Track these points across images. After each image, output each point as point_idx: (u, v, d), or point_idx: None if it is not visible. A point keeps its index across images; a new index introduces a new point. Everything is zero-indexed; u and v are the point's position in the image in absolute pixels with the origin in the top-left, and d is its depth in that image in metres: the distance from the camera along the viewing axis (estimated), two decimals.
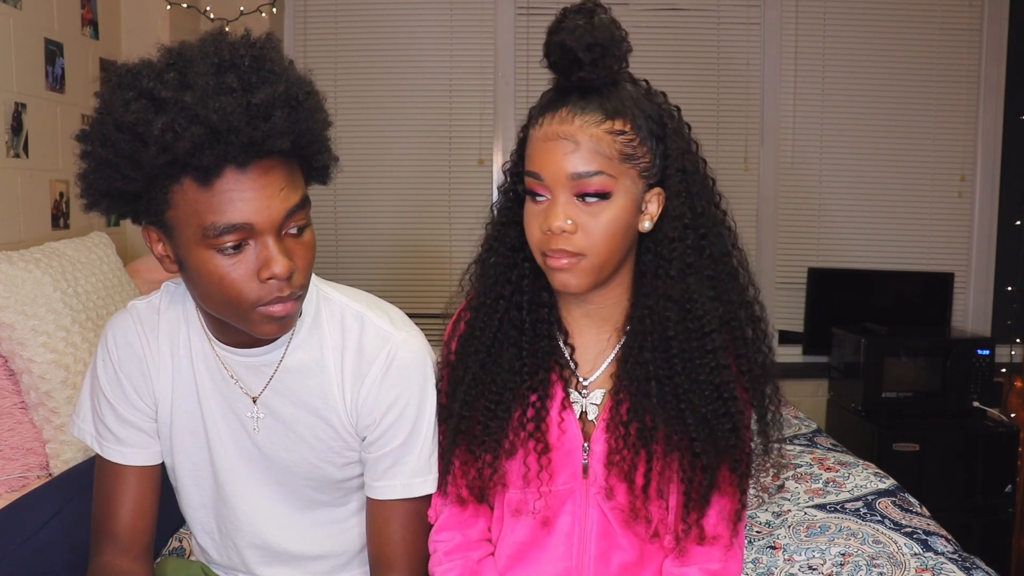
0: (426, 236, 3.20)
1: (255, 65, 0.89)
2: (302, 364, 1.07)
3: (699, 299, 1.01)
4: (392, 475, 1.09)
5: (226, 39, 0.92)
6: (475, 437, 1.06)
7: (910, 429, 2.68)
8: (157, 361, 1.10)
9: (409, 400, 1.07)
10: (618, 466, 1.03)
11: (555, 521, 1.08)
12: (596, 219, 0.97)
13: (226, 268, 0.92)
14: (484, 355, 1.07)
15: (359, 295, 1.13)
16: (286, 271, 0.92)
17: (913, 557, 1.43)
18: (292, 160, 0.95)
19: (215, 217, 0.89)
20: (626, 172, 0.98)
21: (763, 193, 3.18)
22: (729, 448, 1.02)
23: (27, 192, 2.12)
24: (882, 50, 3.11)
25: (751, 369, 1.04)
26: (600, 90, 0.98)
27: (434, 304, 2.94)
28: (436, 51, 3.14)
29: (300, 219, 0.95)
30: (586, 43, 0.94)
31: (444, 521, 1.11)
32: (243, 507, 1.12)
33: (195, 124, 0.85)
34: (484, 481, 1.06)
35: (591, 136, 0.96)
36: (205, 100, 0.85)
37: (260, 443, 1.10)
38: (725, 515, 1.06)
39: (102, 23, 2.53)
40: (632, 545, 1.07)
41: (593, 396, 1.08)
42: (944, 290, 3.06)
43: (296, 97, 0.91)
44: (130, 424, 1.10)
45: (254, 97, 0.87)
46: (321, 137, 0.98)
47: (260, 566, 1.16)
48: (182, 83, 0.87)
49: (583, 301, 1.07)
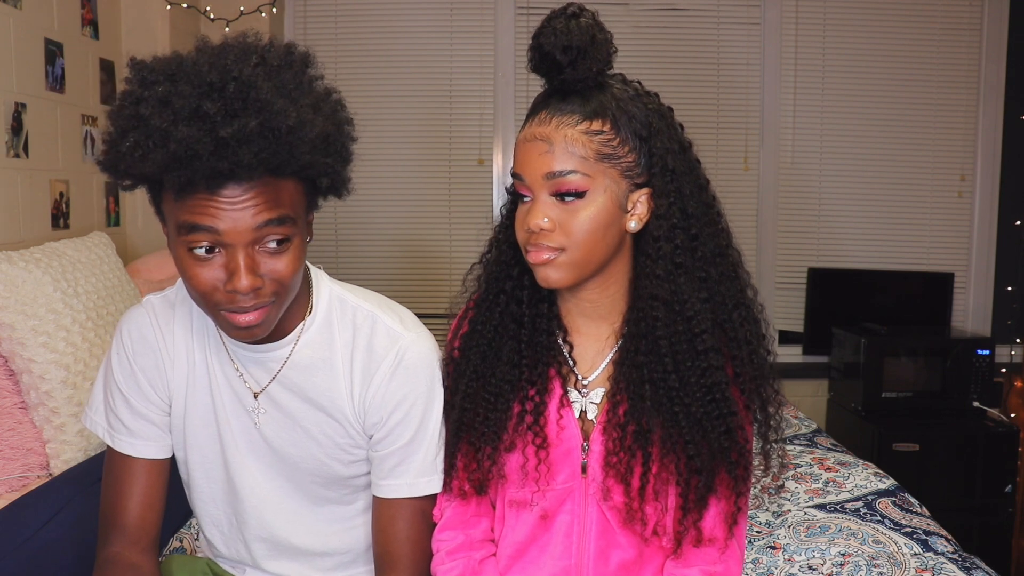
0: (426, 236, 3.20)
1: (239, 92, 0.87)
2: (310, 361, 1.09)
3: (689, 300, 1.01)
4: (398, 474, 1.10)
5: (231, 54, 0.90)
6: (475, 429, 1.07)
7: (910, 429, 2.68)
8: (172, 355, 1.12)
9: (416, 400, 1.09)
10: (615, 468, 1.04)
11: (554, 517, 1.08)
12: (574, 217, 0.99)
13: (196, 268, 0.94)
14: (485, 348, 1.09)
15: (371, 296, 1.15)
16: (248, 287, 0.93)
17: (913, 557, 1.43)
18: (282, 177, 0.94)
19: (187, 217, 0.92)
20: (604, 171, 0.99)
21: (763, 193, 3.18)
22: (723, 450, 1.02)
23: (27, 192, 2.12)
24: (882, 50, 3.11)
25: (747, 371, 1.04)
26: (581, 91, 0.99)
27: (434, 304, 2.95)
28: (436, 51, 3.14)
29: (277, 235, 0.94)
30: (562, 45, 0.96)
31: (447, 521, 1.12)
32: (253, 501, 1.14)
33: (160, 149, 0.86)
34: (484, 473, 1.07)
35: (565, 137, 0.98)
36: (175, 126, 0.86)
37: (268, 438, 1.11)
38: (722, 517, 1.06)
39: (102, 23, 2.53)
40: (631, 544, 1.07)
41: (592, 395, 1.08)
42: (944, 290, 3.06)
43: (276, 130, 0.88)
44: (143, 417, 1.12)
45: (223, 129, 0.86)
46: (317, 164, 0.96)
47: (267, 560, 1.17)
48: (164, 100, 0.87)
49: (580, 299, 1.08)
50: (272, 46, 0.95)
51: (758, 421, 1.08)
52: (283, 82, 0.92)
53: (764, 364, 1.06)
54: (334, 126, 0.98)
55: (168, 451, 1.15)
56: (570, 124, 0.98)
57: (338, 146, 0.99)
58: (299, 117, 0.90)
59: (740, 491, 1.06)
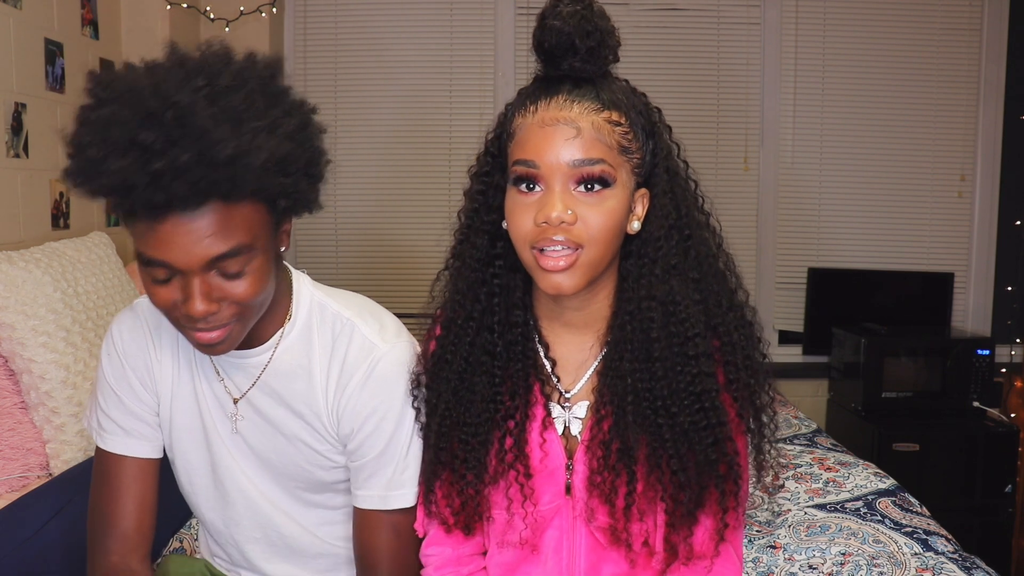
0: (426, 236, 3.19)
1: (177, 121, 0.84)
2: (289, 368, 1.08)
3: (683, 302, 0.97)
4: (371, 485, 1.08)
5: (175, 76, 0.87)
6: (455, 469, 1.02)
7: (910, 429, 2.68)
8: (161, 357, 1.12)
9: (387, 413, 1.06)
10: (599, 488, 0.98)
11: (541, 544, 1.04)
12: (596, 209, 0.92)
13: (155, 288, 0.94)
14: (456, 382, 1.02)
15: (354, 302, 1.12)
16: (203, 313, 0.92)
17: (913, 557, 1.43)
18: (235, 202, 0.90)
19: (141, 247, 0.91)
20: (623, 165, 0.94)
21: (763, 193, 3.18)
22: (711, 463, 0.96)
23: (27, 192, 2.12)
24: (882, 50, 3.11)
25: (741, 377, 0.99)
26: (593, 80, 0.94)
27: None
28: (436, 51, 3.14)
29: (232, 266, 0.92)
30: (585, 30, 0.90)
31: (435, 535, 1.09)
32: (243, 503, 1.13)
33: (99, 178, 0.86)
34: (468, 514, 1.03)
35: (592, 123, 0.91)
36: (113, 156, 0.84)
37: (250, 443, 1.11)
38: (709, 534, 1.00)
39: (102, 23, 2.53)
40: (622, 557, 1.03)
41: (576, 409, 1.03)
42: (944, 290, 3.06)
43: (214, 159, 0.84)
44: (135, 416, 1.12)
45: (157, 162, 0.83)
46: (272, 186, 0.92)
47: (261, 561, 1.17)
48: (105, 125, 0.85)
49: (564, 309, 1.02)
50: (230, 62, 0.91)
51: (751, 431, 1.01)
52: (229, 105, 0.87)
53: (759, 370, 1.01)
54: (296, 144, 0.93)
55: (159, 451, 1.15)
56: (594, 110, 0.92)
57: (301, 164, 0.94)
58: (240, 144, 0.86)
59: (729, 506, 0.99)
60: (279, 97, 0.95)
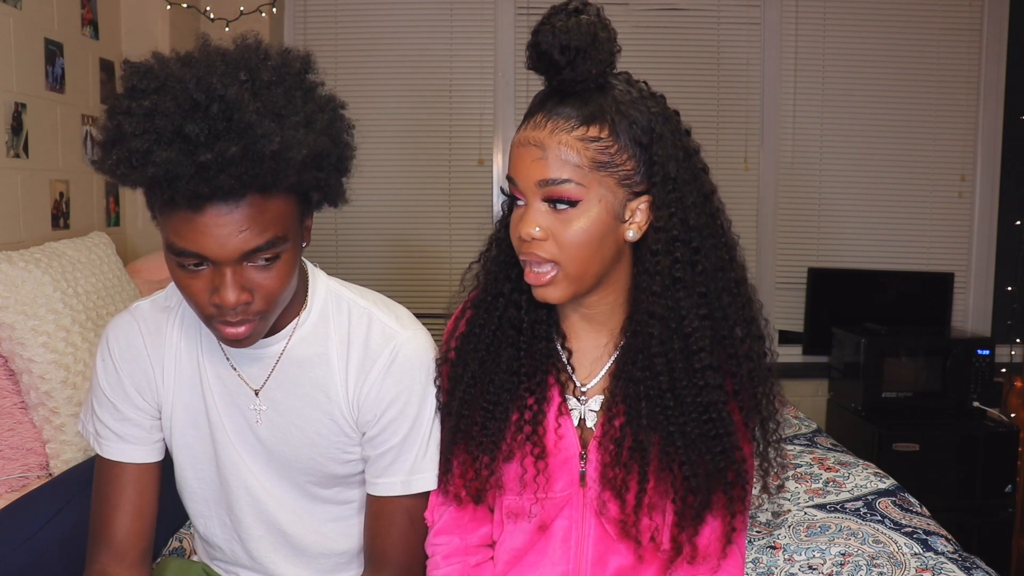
0: (426, 236, 3.20)
1: (223, 114, 0.85)
2: (305, 356, 1.08)
3: (688, 316, 0.97)
4: (392, 471, 1.10)
5: (218, 68, 0.87)
6: (473, 438, 1.05)
7: (910, 429, 2.68)
8: (161, 359, 1.11)
9: (410, 398, 1.08)
10: (611, 481, 1.01)
11: (552, 525, 1.07)
12: (567, 227, 0.94)
13: (186, 281, 0.94)
14: (483, 353, 1.06)
15: (368, 294, 1.15)
16: (235, 302, 0.93)
17: (913, 557, 1.43)
18: (271, 195, 0.92)
19: (174, 238, 0.91)
20: (600, 180, 0.94)
21: (763, 193, 3.18)
22: (719, 471, 0.98)
23: (27, 192, 2.12)
24: (882, 50, 3.11)
25: (747, 388, 1.00)
26: (580, 94, 0.94)
27: (434, 304, 2.94)
28: (436, 51, 3.14)
29: (265, 255, 0.93)
30: (560, 45, 0.90)
31: (444, 525, 1.11)
32: (247, 499, 1.13)
33: (141, 169, 0.85)
34: (482, 483, 1.05)
35: (559, 143, 0.93)
36: (156, 147, 0.84)
37: (262, 436, 1.11)
38: (717, 536, 1.03)
39: (102, 23, 2.53)
40: (630, 550, 1.06)
41: (591, 403, 1.06)
42: (944, 290, 3.06)
43: (260, 153, 0.86)
44: (130, 421, 1.11)
45: (204, 154, 0.84)
46: (308, 181, 0.94)
47: (263, 559, 1.17)
48: (148, 115, 0.85)
49: (579, 304, 1.04)
50: (267, 56, 0.92)
51: (756, 440, 1.04)
52: (272, 100, 0.89)
53: (767, 382, 1.01)
54: (329, 140, 0.95)
55: (157, 455, 1.14)
56: (565, 129, 0.93)
57: (333, 159, 0.97)
58: (284, 139, 0.88)
59: (736, 511, 1.02)
60: (312, 92, 0.97)
